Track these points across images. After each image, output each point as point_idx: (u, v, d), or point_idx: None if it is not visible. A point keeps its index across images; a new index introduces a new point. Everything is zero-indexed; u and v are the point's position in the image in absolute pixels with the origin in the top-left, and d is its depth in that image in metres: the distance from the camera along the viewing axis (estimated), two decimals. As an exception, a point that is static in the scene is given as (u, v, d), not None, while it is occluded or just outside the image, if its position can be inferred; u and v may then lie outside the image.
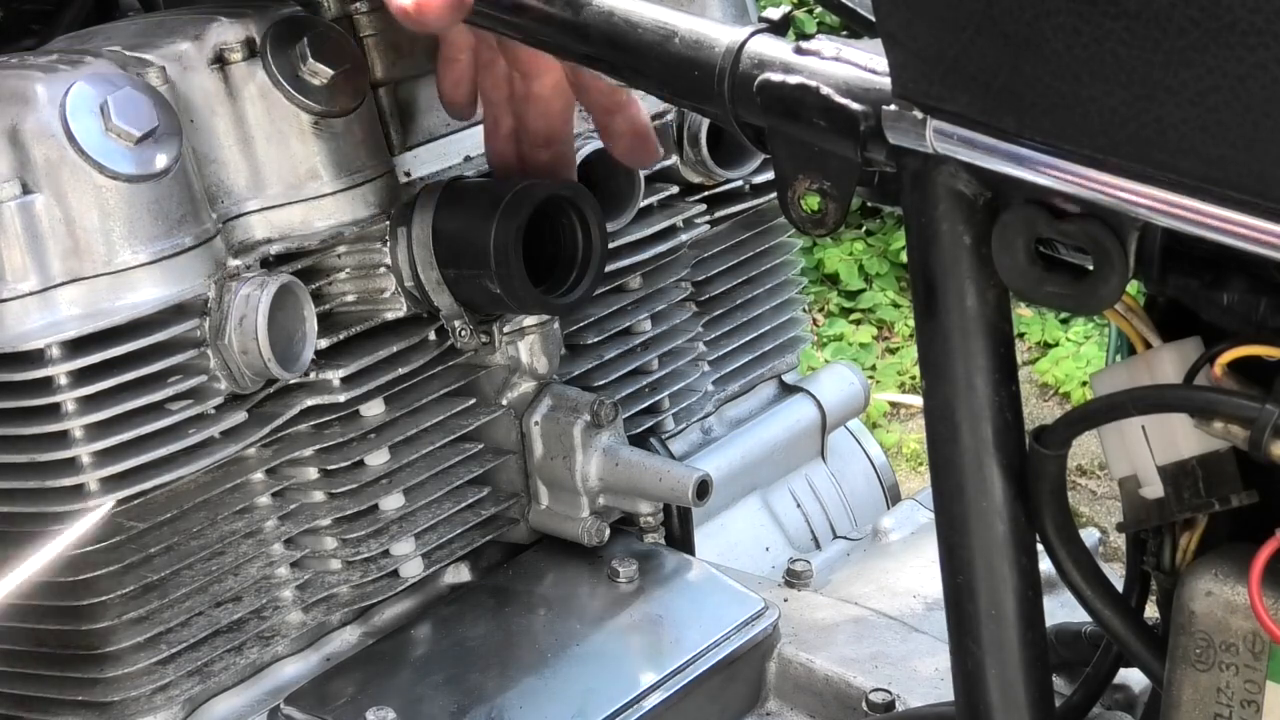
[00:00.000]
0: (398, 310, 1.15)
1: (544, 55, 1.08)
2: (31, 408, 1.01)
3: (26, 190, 0.97)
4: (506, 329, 1.21)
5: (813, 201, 0.87)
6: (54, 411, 1.01)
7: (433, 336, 1.18)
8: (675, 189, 1.35)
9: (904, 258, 2.02)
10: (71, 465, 1.02)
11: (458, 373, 1.22)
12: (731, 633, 1.19)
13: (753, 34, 0.89)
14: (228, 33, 1.05)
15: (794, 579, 1.34)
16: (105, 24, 1.14)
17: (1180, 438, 0.78)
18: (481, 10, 0.98)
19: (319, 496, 1.16)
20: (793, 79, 0.85)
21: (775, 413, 1.50)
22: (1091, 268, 0.74)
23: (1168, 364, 0.78)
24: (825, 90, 0.83)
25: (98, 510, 1.01)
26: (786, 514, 1.48)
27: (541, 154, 1.14)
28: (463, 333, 1.16)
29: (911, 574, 1.33)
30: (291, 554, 1.16)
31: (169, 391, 1.04)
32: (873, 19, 0.78)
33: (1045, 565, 0.82)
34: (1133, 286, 0.77)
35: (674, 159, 1.34)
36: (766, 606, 1.22)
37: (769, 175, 1.39)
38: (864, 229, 4.12)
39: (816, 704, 1.20)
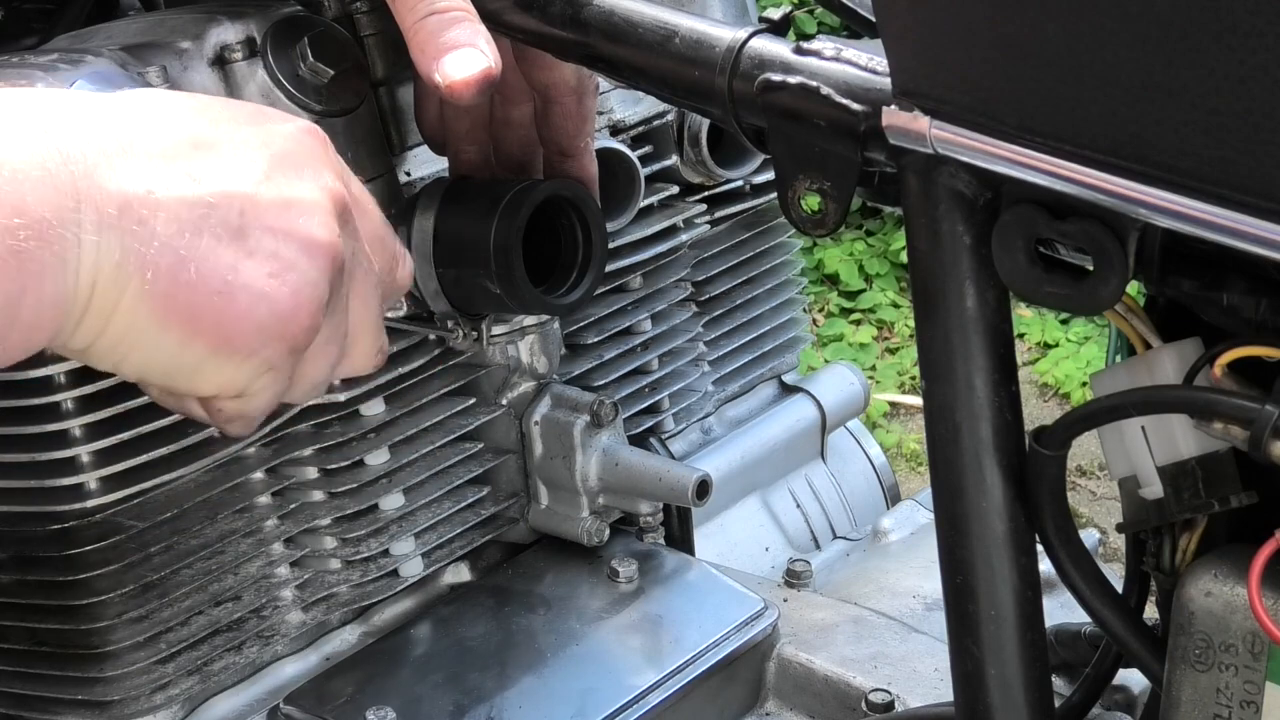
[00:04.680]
0: (398, 310, 1.15)
1: (523, 86, 1.08)
2: (31, 407, 1.01)
3: (27, 189, 0.97)
4: (505, 329, 1.21)
5: (813, 201, 0.87)
6: (53, 411, 1.01)
7: (432, 336, 1.18)
8: (675, 189, 1.35)
9: (904, 258, 2.02)
10: (71, 464, 1.02)
11: (457, 372, 1.22)
12: (731, 633, 1.19)
13: (753, 34, 0.89)
14: (228, 32, 1.05)
15: (794, 579, 1.33)
16: (106, 23, 1.14)
17: (1180, 438, 0.78)
18: (483, 9, 0.98)
19: (319, 496, 1.16)
20: (793, 79, 0.85)
21: (775, 413, 1.50)
22: (1091, 268, 0.74)
23: (1168, 364, 0.78)
24: (825, 90, 0.83)
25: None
26: (786, 514, 1.48)
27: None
28: (456, 331, 1.16)
29: (911, 574, 1.33)
30: (291, 553, 1.16)
31: (169, 391, 1.04)
32: (873, 19, 0.78)
33: (1045, 565, 0.82)
34: (1133, 287, 0.77)
35: (674, 159, 1.34)
36: (766, 606, 1.21)
37: (769, 175, 1.39)
38: (864, 229, 4.12)
39: (816, 704, 1.20)
